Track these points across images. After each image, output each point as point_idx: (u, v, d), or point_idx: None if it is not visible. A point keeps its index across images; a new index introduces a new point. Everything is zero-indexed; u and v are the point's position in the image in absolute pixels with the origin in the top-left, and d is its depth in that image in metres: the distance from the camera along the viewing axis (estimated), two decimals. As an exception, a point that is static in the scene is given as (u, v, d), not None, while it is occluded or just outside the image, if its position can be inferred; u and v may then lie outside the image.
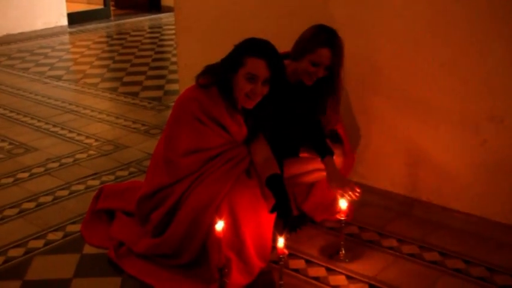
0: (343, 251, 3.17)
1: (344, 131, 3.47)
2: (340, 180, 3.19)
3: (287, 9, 3.94)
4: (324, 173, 3.34)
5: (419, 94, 3.46)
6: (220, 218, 2.80)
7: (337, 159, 3.37)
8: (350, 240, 3.33)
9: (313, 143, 3.34)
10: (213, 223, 2.80)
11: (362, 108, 3.69)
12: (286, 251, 2.74)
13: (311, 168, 3.38)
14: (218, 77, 2.99)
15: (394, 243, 3.33)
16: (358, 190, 3.14)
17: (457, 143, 3.40)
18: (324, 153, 3.27)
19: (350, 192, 3.13)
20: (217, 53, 3.09)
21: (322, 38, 3.17)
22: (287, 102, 3.26)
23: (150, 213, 3.10)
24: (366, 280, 2.98)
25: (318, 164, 3.32)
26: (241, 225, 2.90)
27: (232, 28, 4.29)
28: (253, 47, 2.93)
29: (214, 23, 4.46)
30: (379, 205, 3.71)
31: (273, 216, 3.00)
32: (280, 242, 2.73)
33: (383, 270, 3.06)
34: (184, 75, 4.80)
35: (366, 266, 3.09)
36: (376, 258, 3.17)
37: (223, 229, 2.76)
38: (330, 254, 3.19)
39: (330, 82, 3.28)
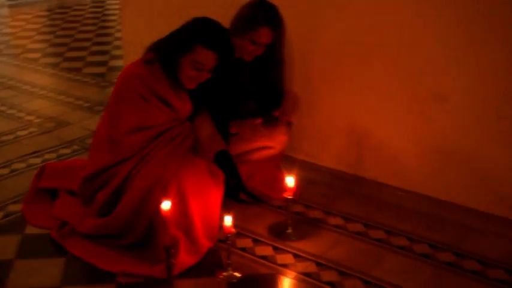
0: (290, 230, 3.17)
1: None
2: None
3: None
4: (271, 151, 3.37)
5: (364, 72, 3.47)
6: (167, 198, 2.76)
7: (283, 137, 3.38)
8: (296, 218, 3.33)
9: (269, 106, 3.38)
10: (160, 203, 2.76)
11: (306, 86, 3.68)
12: (233, 230, 2.73)
13: (257, 146, 3.37)
14: (163, 55, 2.94)
15: (340, 221, 3.35)
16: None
17: (402, 122, 3.43)
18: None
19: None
20: (163, 28, 3.04)
21: (262, 17, 3.16)
22: (231, 76, 3.23)
23: (95, 194, 3.02)
24: (313, 259, 2.98)
25: (264, 142, 3.33)
26: (189, 204, 2.86)
27: (178, 3, 4.22)
28: (206, 36, 2.87)
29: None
30: (324, 183, 3.72)
31: (221, 194, 2.99)
32: (228, 220, 2.72)
33: (330, 249, 3.08)
34: (128, 51, 4.71)
35: (313, 245, 3.10)
36: (322, 237, 3.19)
37: (170, 209, 2.72)
38: (277, 232, 3.19)
39: (272, 58, 3.28)
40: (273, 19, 3.19)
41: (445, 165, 3.35)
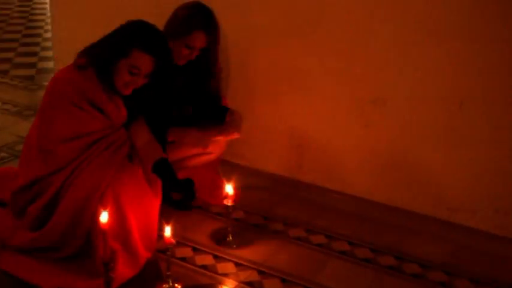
0: (231, 237, 3.11)
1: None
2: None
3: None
4: (209, 157, 3.31)
5: (304, 76, 3.45)
6: (105, 208, 2.65)
7: (222, 142, 3.32)
8: (236, 225, 3.26)
9: (207, 113, 3.31)
10: (97, 214, 2.65)
11: (244, 88, 3.64)
12: (173, 240, 2.65)
13: (196, 152, 3.30)
14: (97, 60, 2.82)
15: (280, 227, 3.31)
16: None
17: (341, 125, 3.42)
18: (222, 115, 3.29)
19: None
20: (95, 29, 2.92)
21: (197, 21, 3.10)
22: (166, 81, 3.14)
23: (27, 206, 2.88)
24: (255, 267, 2.93)
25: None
26: (126, 214, 2.75)
27: (110, 4, 4.10)
28: (142, 39, 2.75)
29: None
30: (263, 188, 3.68)
31: (159, 202, 2.91)
32: (167, 231, 2.64)
33: (272, 256, 3.03)
34: (59, 53, 4.56)
35: (254, 252, 3.05)
36: (264, 243, 3.13)
37: (108, 220, 2.61)
38: (217, 239, 3.13)
39: (207, 63, 3.23)
40: (209, 23, 3.13)
41: (384, 169, 3.36)
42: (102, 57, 2.80)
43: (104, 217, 2.60)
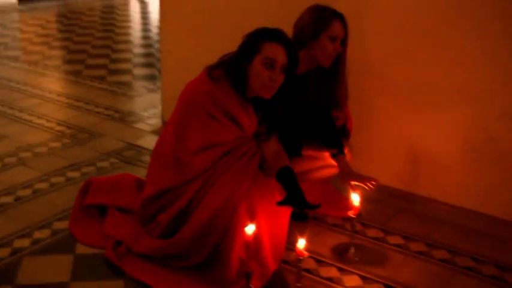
0: (353, 250, 3.07)
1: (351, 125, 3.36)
2: (355, 174, 3.13)
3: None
4: (333, 170, 3.25)
5: (426, 89, 3.38)
6: (252, 221, 2.64)
7: (347, 155, 3.27)
8: (356, 237, 3.21)
9: (325, 138, 3.22)
10: (242, 226, 2.64)
11: (363, 102, 3.57)
12: (306, 253, 2.62)
13: (320, 165, 3.26)
14: (231, 67, 2.81)
15: (400, 240, 3.25)
16: (374, 182, 3.07)
17: (463, 140, 3.34)
18: (337, 150, 3.18)
19: (368, 184, 3.06)
20: (201, 40, 2.90)
21: (329, 12, 3.06)
22: (296, 94, 3.10)
23: (156, 215, 2.91)
24: (381, 280, 2.88)
25: (326, 161, 3.23)
26: (259, 225, 2.72)
27: (220, 17, 4.12)
28: (270, 33, 2.76)
29: (201, 9, 4.26)
30: (379, 201, 3.59)
31: (289, 214, 2.88)
32: (301, 243, 2.62)
33: (396, 269, 2.98)
34: (167, 62, 4.58)
35: (378, 265, 3.01)
36: (386, 257, 3.09)
37: (252, 232, 2.61)
38: (339, 252, 3.09)
39: (338, 67, 3.15)
40: (339, 13, 3.08)
41: (507, 184, 3.26)
42: (236, 63, 2.79)
43: (250, 229, 2.59)
